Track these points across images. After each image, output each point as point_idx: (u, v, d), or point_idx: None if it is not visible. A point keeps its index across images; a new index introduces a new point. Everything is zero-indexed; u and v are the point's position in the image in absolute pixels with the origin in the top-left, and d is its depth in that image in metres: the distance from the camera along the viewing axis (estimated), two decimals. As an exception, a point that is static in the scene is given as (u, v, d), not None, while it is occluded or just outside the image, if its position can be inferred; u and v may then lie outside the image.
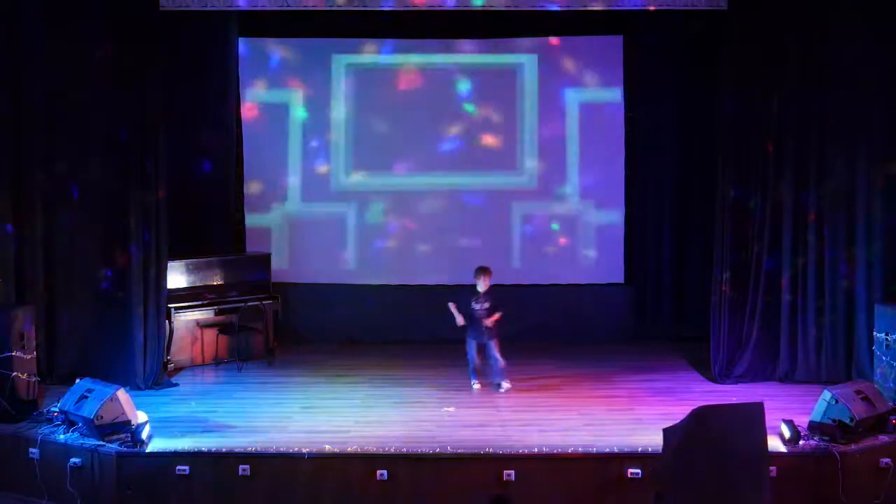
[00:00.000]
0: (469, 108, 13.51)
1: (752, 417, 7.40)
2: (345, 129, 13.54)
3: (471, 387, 11.12)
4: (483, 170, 13.53)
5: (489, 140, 13.56)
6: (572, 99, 13.47)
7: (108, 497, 9.02)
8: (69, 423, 9.47)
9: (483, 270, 11.09)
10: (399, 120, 13.51)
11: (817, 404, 9.38)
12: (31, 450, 9.34)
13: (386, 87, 13.52)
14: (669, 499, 7.37)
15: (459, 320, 11.08)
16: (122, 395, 9.40)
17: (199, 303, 12.30)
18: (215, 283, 12.54)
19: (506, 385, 11.06)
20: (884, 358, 10.31)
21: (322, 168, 13.59)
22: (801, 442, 9.07)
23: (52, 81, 10.96)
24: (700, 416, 7.40)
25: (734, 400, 10.49)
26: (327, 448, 9.13)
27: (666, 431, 7.56)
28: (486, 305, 11.03)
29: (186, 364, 12.16)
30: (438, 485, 8.95)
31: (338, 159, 13.58)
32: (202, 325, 12.34)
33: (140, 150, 10.98)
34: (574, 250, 13.62)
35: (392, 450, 9.10)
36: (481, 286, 11.05)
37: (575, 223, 13.60)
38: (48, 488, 9.25)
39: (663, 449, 7.63)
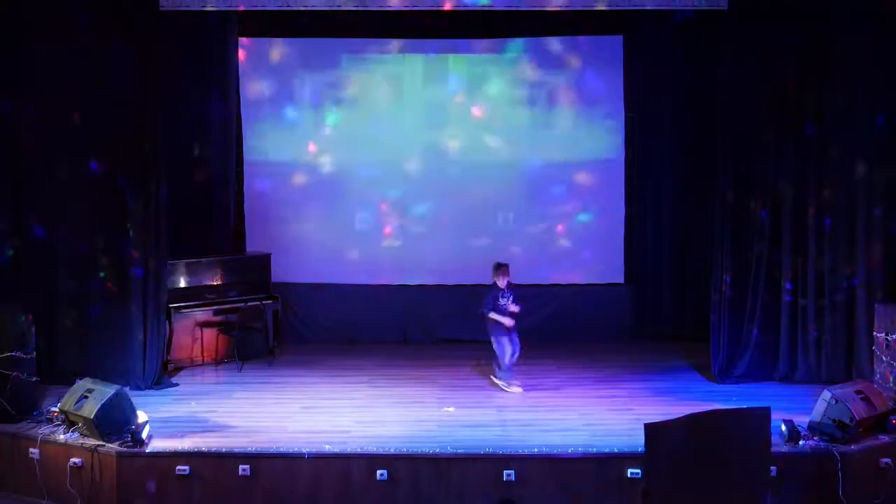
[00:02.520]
0: (469, 107, 13.51)
1: (758, 422, 7.37)
2: (345, 128, 13.55)
3: (507, 387, 11.00)
4: (483, 169, 13.53)
5: (489, 140, 13.56)
6: (572, 98, 13.48)
7: (108, 497, 9.02)
8: (69, 423, 9.47)
9: (502, 267, 11.05)
10: (400, 120, 13.51)
11: (817, 404, 9.38)
12: (31, 450, 9.34)
13: (386, 86, 13.52)
14: (663, 499, 7.36)
15: (508, 322, 11.00)
16: (122, 395, 9.40)
17: (199, 303, 12.31)
18: (215, 283, 12.54)
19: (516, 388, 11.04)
20: (884, 358, 10.31)
21: (322, 167, 13.60)
22: (801, 442, 9.08)
23: (52, 81, 10.96)
24: (699, 421, 7.37)
25: (734, 400, 10.55)
26: (327, 448, 9.13)
27: (650, 429, 7.46)
28: (512, 297, 11.01)
29: (186, 364, 12.17)
30: (438, 485, 8.95)
31: (338, 159, 13.58)
32: (202, 325, 12.35)
33: (140, 150, 10.99)
34: (574, 250, 13.62)
35: (392, 450, 9.10)
36: (502, 282, 11.01)
37: (575, 223, 13.60)
38: (48, 488, 9.26)
39: (648, 446, 7.54)
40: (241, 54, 13.34)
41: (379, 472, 8.91)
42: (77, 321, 11.17)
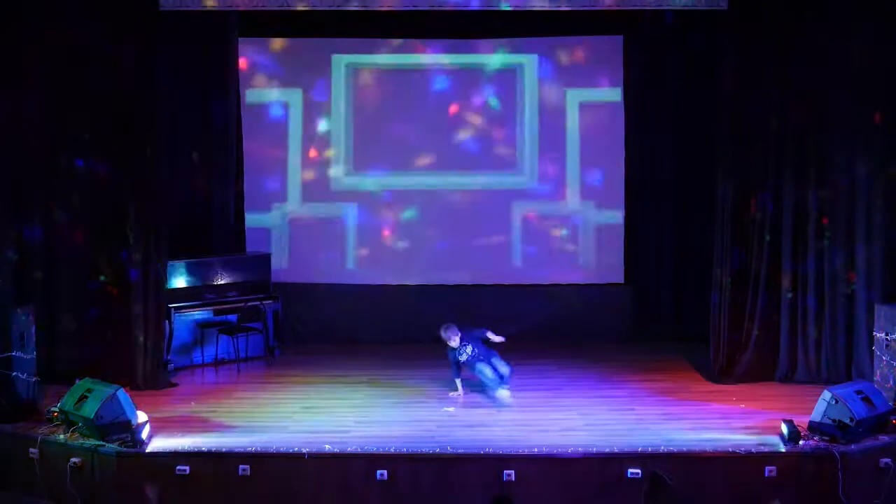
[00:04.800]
0: (470, 107, 13.51)
1: None
2: (345, 129, 13.54)
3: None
4: (484, 170, 13.52)
5: (490, 140, 13.56)
6: (572, 99, 13.46)
7: (108, 497, 9.01)
8: (69, 423, 9.47)
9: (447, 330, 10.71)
10: (399, 120, 13.50)
11: (817, 404, 9.37)
12: (31, 450, 9.32)
13: (386, 86, 13.52)
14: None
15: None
16: (122, 395, 9.40)
17: (199, 303, 12.30)
18: (215, 283, 12.53)
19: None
20: (884, 358, 10.29)
21: (322, 168, 13.60)
22: (801, 442, 9.07)
23: (51, 81, 10.96)
24: None
25: (734, 400, 10.58)
26: (327, 448, 9.13)
27: None
28: (470, 349, 10.70)
29: (186, 364, 12.16)
30: (438, 485, 8.94)
31: (338, 159, 13.57)
32: (202, 325, 12.34)
33: (140, 150, 10.98)
34: (574, 250, 13.62)
35: (392, 450, 9.09)
36: (453, 342, 10.69)
37: (575, 223, 13.60)
38: (48, 488, 9.25)
39: None
40: (242, 54, 13.33)
41: (379, 472, 8.89)
42: (77, 321, 11.16)
